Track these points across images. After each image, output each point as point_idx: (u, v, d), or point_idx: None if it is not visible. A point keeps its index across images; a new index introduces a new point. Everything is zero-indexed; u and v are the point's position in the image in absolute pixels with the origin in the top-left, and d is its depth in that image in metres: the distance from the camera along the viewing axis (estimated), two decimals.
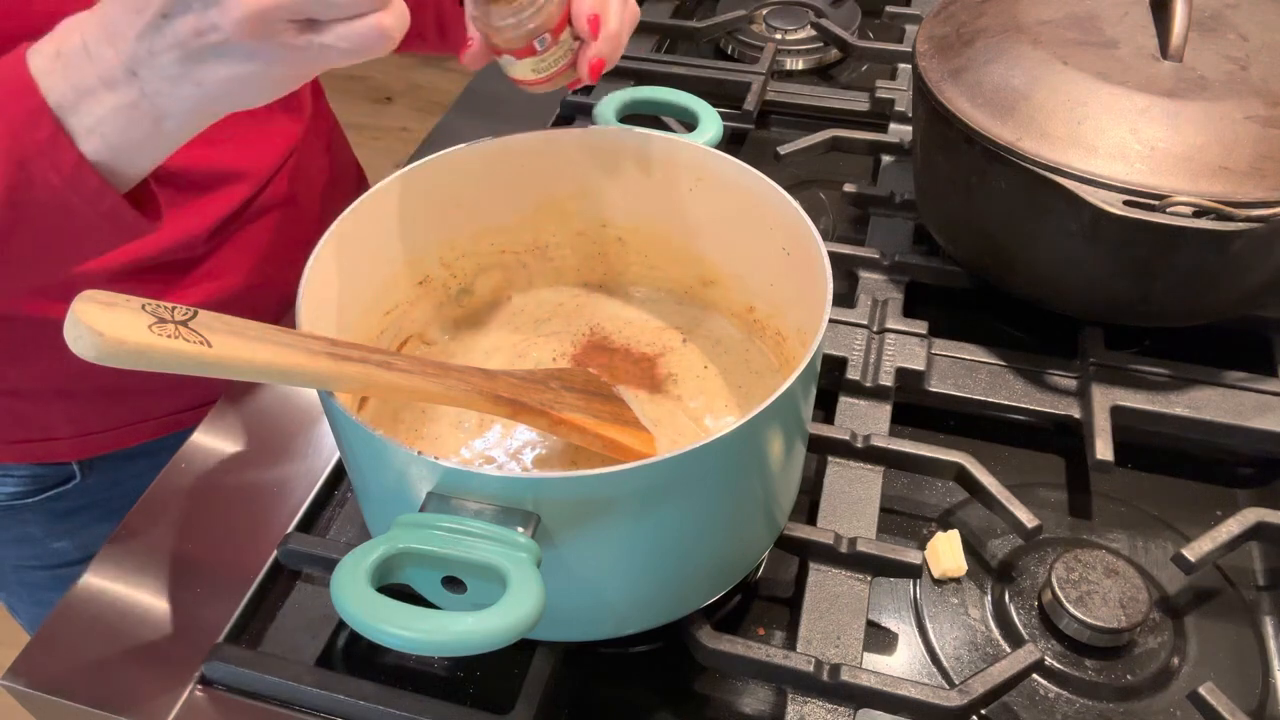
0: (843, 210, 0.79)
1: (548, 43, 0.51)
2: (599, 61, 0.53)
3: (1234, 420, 0.59)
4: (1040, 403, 0.61)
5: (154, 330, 0.35)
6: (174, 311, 0.37)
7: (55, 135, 0.44)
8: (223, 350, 0.37)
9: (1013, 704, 0.50)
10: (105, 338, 0.34)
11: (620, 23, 0.53)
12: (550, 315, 0.63)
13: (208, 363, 0.37)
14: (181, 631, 0.52)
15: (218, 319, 0.38)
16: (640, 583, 0.46)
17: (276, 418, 0.64)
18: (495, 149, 0.57)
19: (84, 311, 0.34)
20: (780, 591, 0.55)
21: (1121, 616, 0.50)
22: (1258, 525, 0.53)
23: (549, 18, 0.50)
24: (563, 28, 0.51)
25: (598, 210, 0.61)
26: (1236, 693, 0.50)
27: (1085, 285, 0.61)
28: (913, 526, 0.58)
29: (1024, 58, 0.61)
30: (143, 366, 0.36)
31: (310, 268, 0.48)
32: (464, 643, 0.35)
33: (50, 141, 0.44)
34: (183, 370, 0.37)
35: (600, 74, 0.53)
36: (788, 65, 0.96)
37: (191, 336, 0.36)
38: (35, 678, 0.51)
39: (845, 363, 0.62)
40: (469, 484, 0.39)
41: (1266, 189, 0.54)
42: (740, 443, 0.41)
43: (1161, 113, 0.56)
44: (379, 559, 0.37)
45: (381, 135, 2.62)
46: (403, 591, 0.37)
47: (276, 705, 0.49)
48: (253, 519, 0.58)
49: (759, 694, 0.51)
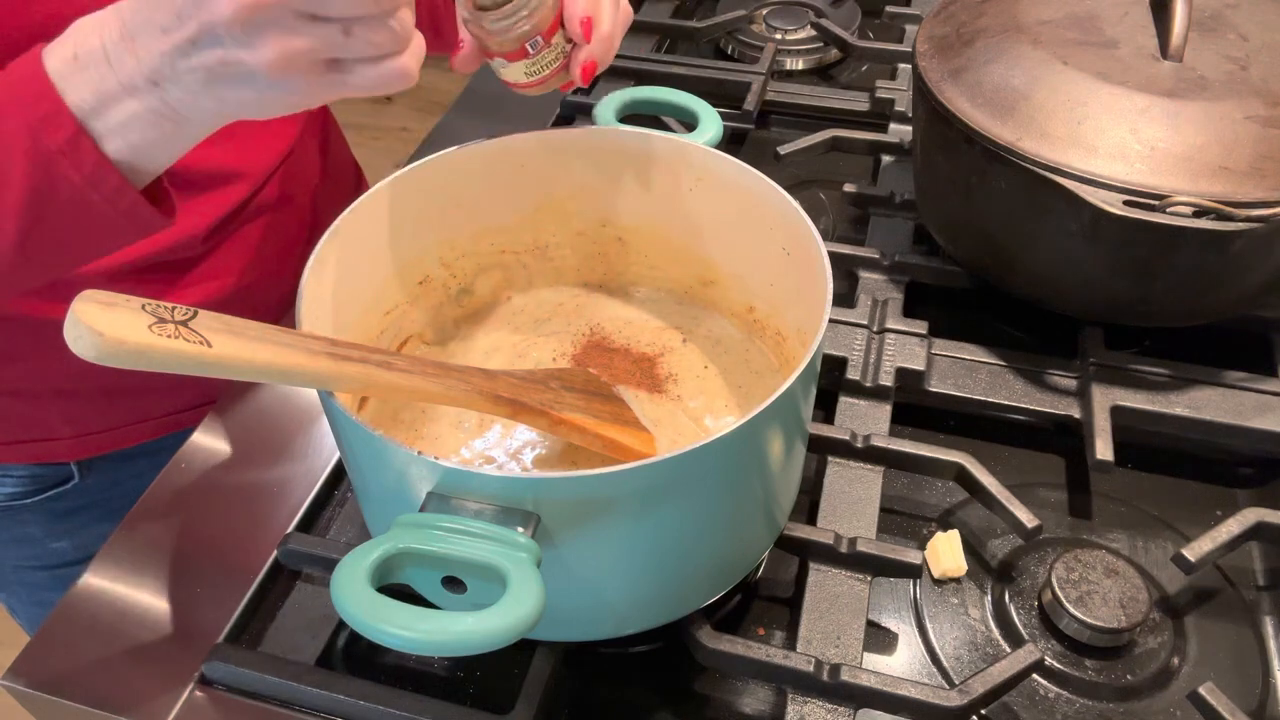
0: (843, 210, 0.79)
1: (540, 45, 0.51)
2: (591, 63, 0.53)
3: (1234, 420, 0.59)
4: (1040, 403, 0.61)
5: (154, 330, 0.35)
6: (174, 311, 0.37)
7: (76, 136, 0.44)
8: (223, 350, 0.37)
9: (1013, 704, 0.50)
10: (105, 338, 0.34)
11: (613, 25, 0.53)
12: (550, 315, 0.63)
13: (208, 363, 0.37)
14: (181, 631, 0.52)
15: (217, 319, 0.38)
16: (640, 583, 0.46)
17: (276, 418, 0.64)
18: (495, 149, 0.57)
19: (84, 312, 0.34)
20: (780, 591, 0.55)
21: (1121, 616, 0.50)
22: (1258, 525, 0.53)
23: (541, 21, 0.50)
24: (555, 30, 0.51)
25: (598, 210, 0.61)
26: (1236, 693, 0.50)
27: (1085, 285, 0.61)
28: (913, 526, 0.58)
29: (1024, 58, 0.61)
30: (143, 366, 0.36)
31: (310, 267, 0.48)
32: (464, 643, 0.35)
33: (71, 142, 0.44)
34: (183, 370, 0.37)
35: (592, 76, 0.53)
36: (788, 65, 0.96)
37: (191, 336, 0.36)
38: (35, 678, 0.51)
39: (845, 363, 0.62)
40: (469, 484, 0.39)
41: (1266, 189, 0.54)
42: (740, 443, 0.41)
43: (1161, 113, 0.56)
44: (379, 559, 0.37)
45: (381, 135, 2.62)
46: (403, 591, 0.37)
47: (276, 705, 0.49)
48: (253, 519, 0.58)
49: (759, 694, 0.51)
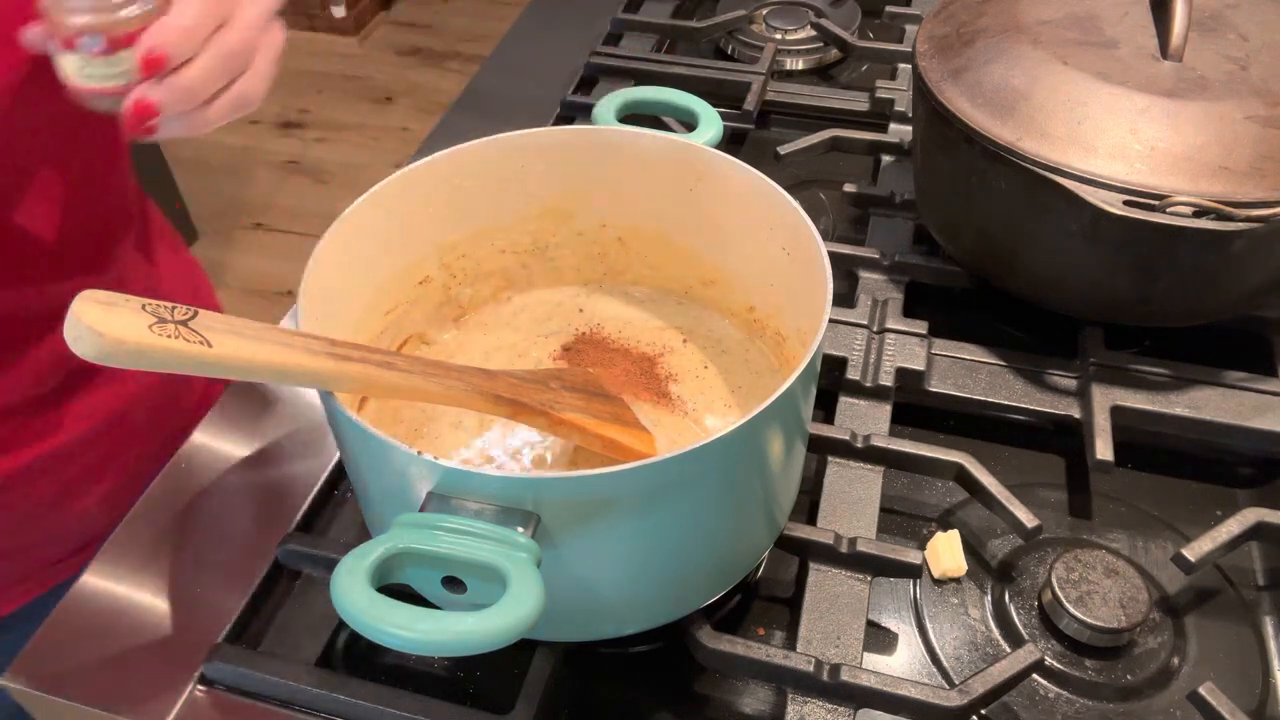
0: (843, 210, 0.79)
1: (96, 49, 0.45)
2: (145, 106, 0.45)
3: (1234, 420, 0.59)
4: (1040, 403, 0.61)
5: (154, 330, 0.35)
6: (174, 311, 0.37)
7: None
8: (223, 350, 0.37)
9: (1013, 704, 0.50)
10: (106, 338, 0.34)
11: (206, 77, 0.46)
12: (550, 315, 0.63)
13: (208, 363, 0.37)
14: (181, 631, 0.52)
15: (218, 319, 0.38)
16: (640, 583, 0.46)
17: (276, 418, 0.64)
18: (495, 149, 0.57)
19: (84, 312, 0.34)
20: (780, 591, 0.55)
21: (1121, 616, 0.50)
22: (1258, 525, 0.53)
23: (114, 24, 0.44)
24: (129, 44, 0.45)
25: (598, 210, 0.61)
26: (1236, 693, 0.50)
27: (1085, 285, 0.61)
28: (913, 526, 0.58)
29: (1024, 58, 0.61)
30: (143, 366, 0.36)
31: (310, 268, 0.48)
32: (464, 643, 0.35)
33: None
34: (182, 370, 0.37)
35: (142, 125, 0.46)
36: (788, 65, 0.96)
37: (192, 336, 0.36)
38: (35, 678, 0.51)
39: (845, 363, 0.62)
40: (469, 484, 0.39)
41: (1266, 189, 0.54)
42: (740, 443, 0.41)
43: (1161, 113, 0.56)
44: (379, 559, 0.37)
45: (381, 135, 2.62)
46: (403, 591, 0.37)
47: (276, 705, 0.49)
48: (253, 519, 0.58)
49: (759, 694, 0.51)
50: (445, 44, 2.98)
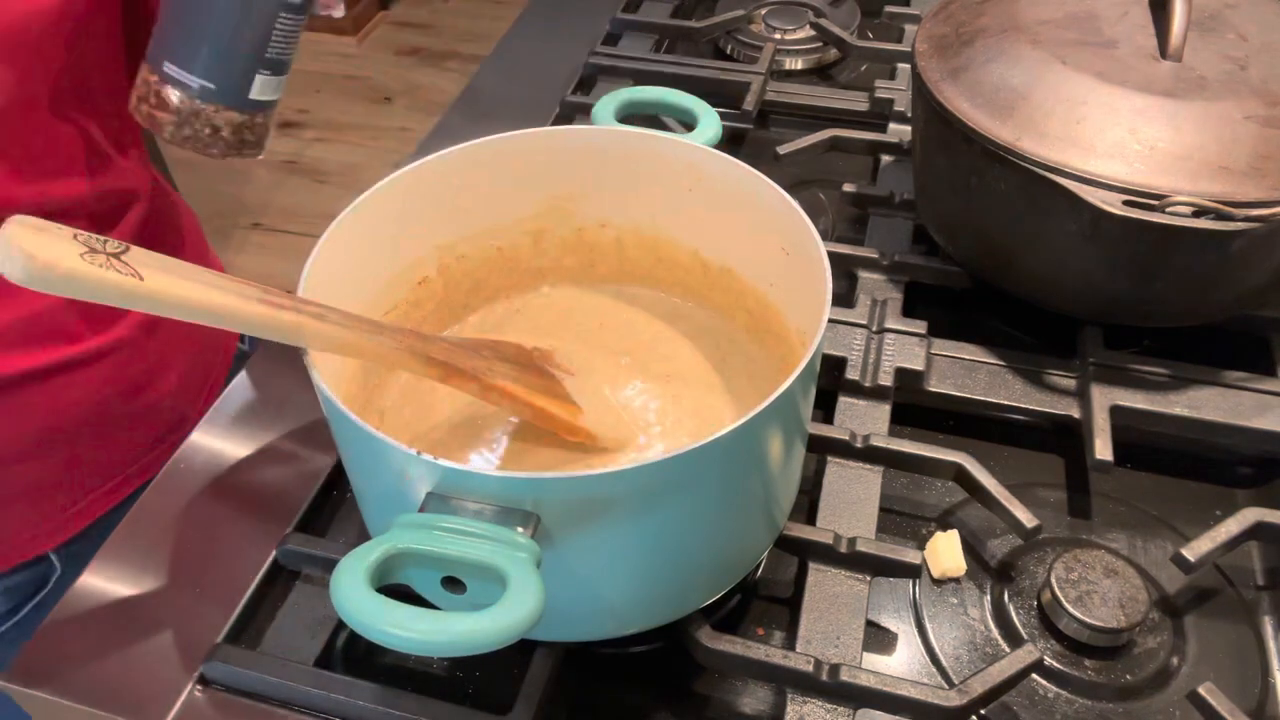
0: (842, 210, 0.79)
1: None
2: None
3: (1234, 420, 0.59)
4: (1040, 403, 0.61)
5: (85, 259, 0.36)
6: (106, 244, 0.37)
7: None
8: (154, 285, 0.37)
9: (1012, 704, 0.50)
10: (36, 260, 0.34)
11: None
12: (550, 315, 0.63)
13: (138, 296, 0.37)
14: (181, 631, 0.52)
15: (151, 256, 0.38)
16: (640, 583, 0.46)
17: (276, 418, 0.64)
18: (495, 149, 0.57)
19: (15, 235, 0.34)
20: (780, 591, 0.55)
21: (1121, 616, 0.50)
22: (1257, 525, 0.53)
23: None
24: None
25: (598, 210, 0.61)
26: (1236, 693, 0.50)
27: (1084, 285, 0.61)
28: (912, 526, 0.58)
29: (1023, 58, 0.61)
30: (72, 294, 0.36)
31: (309, 268, 0.48)
32: (464, 643, 0.35)
33: None
34: (111, 301, 0.37)
35: None
36: (787, 65, 0.96)
37: (124, 269, 0.37)
38: (35, 678, 0.51)
39: (845, 363, 0.62)
40: (468, 484, 0.39)
41: (1266, 189, 0.54)
42: (740, 443, 0.41)
43: (1160, 112, 0.56)
44: (379, 559, 0.37)
45: (381, 135, 2.62)
46: (403, 591, 0.37)
47: (276, 705, 0.49)
48: (253, 519, 0.58)
49: (759, 694, 0.51)
50: (444, 44, 2.98)
